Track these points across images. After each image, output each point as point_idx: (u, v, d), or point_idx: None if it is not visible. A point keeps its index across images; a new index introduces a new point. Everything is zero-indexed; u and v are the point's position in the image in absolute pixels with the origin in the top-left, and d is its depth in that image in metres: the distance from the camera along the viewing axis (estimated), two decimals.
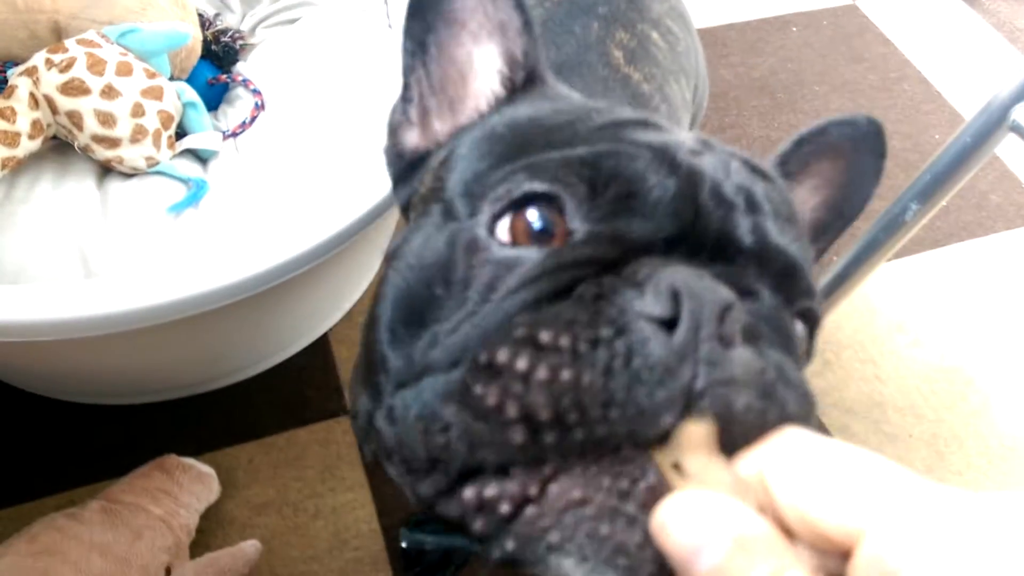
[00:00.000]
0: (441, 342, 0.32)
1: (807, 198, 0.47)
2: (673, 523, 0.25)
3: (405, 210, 0.45)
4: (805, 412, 0.30)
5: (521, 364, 0.28)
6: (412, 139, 0.45)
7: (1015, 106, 0.67)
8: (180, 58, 1.01)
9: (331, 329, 1.08)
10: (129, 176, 0.93)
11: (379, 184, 0.80)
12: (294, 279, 0.78)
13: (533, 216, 0.33)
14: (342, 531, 0.93)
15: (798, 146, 0.46)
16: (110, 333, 0.73)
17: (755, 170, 0.37)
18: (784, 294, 0.34)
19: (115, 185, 0.91)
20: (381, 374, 0.35)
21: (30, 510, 0.90)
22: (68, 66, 0.87)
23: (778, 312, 0.33)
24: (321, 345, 1.07)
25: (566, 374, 0.27)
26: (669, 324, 0.28)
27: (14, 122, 0.85)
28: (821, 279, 0.94)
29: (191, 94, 0.98)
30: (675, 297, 0.28)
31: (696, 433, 0.27)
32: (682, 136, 0.37)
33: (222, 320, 0.80)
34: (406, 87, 0.44)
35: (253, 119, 1.02)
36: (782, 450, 0.26)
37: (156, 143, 0.92)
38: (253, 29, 1.16)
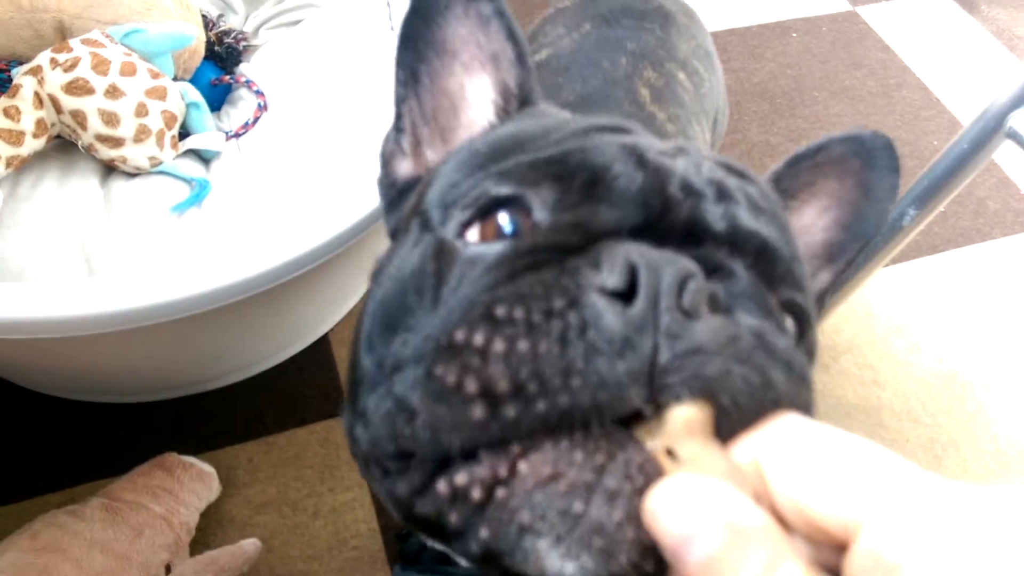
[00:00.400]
0: (410, 341, 0.32)
1: (815, 219, 0.46)
2: (664, 509, 0.24)
3: (394, 235, 0.44)
4: (793, 382, 0.29)
5: (478, 339, 0.28)
6: (405, 168, 0.45)
7: (1012, 113, 0.68)
8: (184, 59, 1.01)
9: (332, 329, 1.09)
10: (132, 175, 0.93)
11: None
12: (295, 279, 0.79)
13: (503, 220, 0.33)
14: (341, 530, 0.94)
15: (794, 164, 0.45)
16: (112, 331, 0.74)
17: (731, 169, 0.37)
18: (763, 276, 0.33)
19: (118, 184, 0.91)
20: (359, 384, 0.35)
21: (31, 507, 0.91)
22: (72, 66, 0.88)
23: (757, 288, 0.32)
24: (321, 345, 1.07)
25: (522, 344, 0.27)
26: (627, 297, 0.28)
27: (19, 121, 0.85)
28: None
29: (194, 94, 0.98)
30: (631, 270, 0.28)
31: (689, 417, 0.26)
32: (658, 141, 0.37)
33: (224, 319, 0.81)
34: (398, 117, 0.43)
35: (256, 120, 1.03)
36: (779, 437, 0.26)
37: (159, 143, 0.93)
38: (256, 30, 1.17)
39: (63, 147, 0.94)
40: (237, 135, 1.01)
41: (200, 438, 0.98)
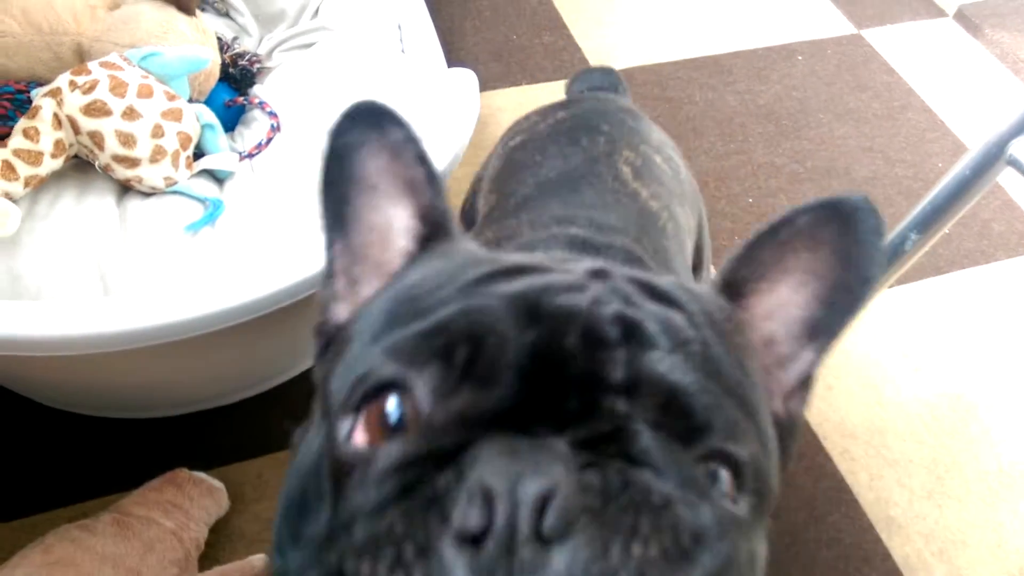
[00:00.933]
0: (304, 550, 0.32)
1: (790, 296, 0.41)
2: None
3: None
4: (713, 556, 0.28)
5: None
6: (342, 312, 0.42)
7: (1013, 141, 0.69)
8: (199, 81, 1.04)
9: None
10: (148, 195, 0.95)
11: None
12: (306, 298, 0.80)
13: (391, 406, 0.31)
14: None
15: (756, 245, 0.40)
16: (127, 349, 0.75)
17: (655, 293, 0.35)
18: (675, 430, 0.30)
19: (134, 204, 0.93)
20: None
21: (43, 521, 0.92)
22: (91, 88, 0.90)
23: (664, 451, 0.29)
24: None
25: None
26: (483, 535, 0.26)
27: (38, 142, 0.87)
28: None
29: (209, 116, 1.00)
30: (488, 501, 0.26)
31: None
32: (573, 270, 0.36)
33: (235, 338, 0.82)
34: (329, 262, 0.42)
35: (269, 140, 1.05)
36: None
37: (175, 163, 0.95)
38: (270, 53, 1.19)
39: (80, 167, 0.96)
40: (250, 155, 1.03)
41: (210, 454, 0.99)
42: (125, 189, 0.96)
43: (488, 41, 1.60)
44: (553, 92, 1.53)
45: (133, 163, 0.92)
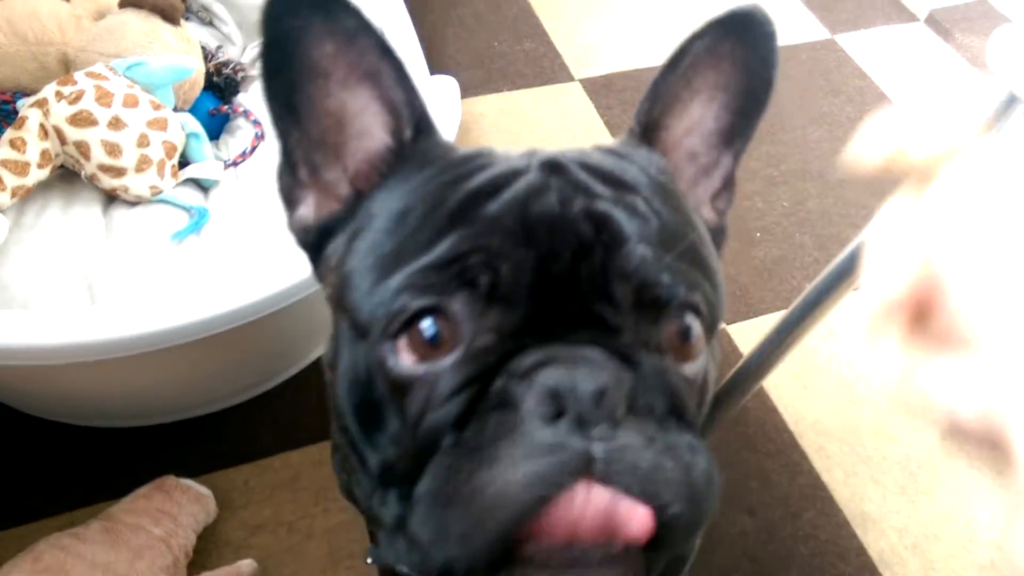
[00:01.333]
0: (401, 458, 0.38)
1: (703, 112, 0.45)
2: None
3: (329, 301, 0.45)
4: (702, 479, 0.35)
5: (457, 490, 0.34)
6: (308, 202, 0.44)
7: None
8: (184, 90, 1.04)
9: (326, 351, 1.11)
10: (133, 204, 0.96)
11: None
12: (291, 305, 0.81)
13: (426, 326, 0.36)
14: (335, 551, 0.96)
15: (658, 88, 0.45)
16: (113, 358, 0.76)
17: (610, 180, 0.40)
18: (647, 311, 0.37)
19: (120, 213, 0.94)
20: (364, 470, 0.41)
21: (32, 530, 0.92)
22: (77, 98, 0.91)
23: (649, 344, 0.38)
24: (315, 368, 1.10)
25: (482, 489, 0.33)
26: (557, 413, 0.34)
27: (24, 152, 0.88)
28: (790, 307, 0.98)
29: (194, 125, 1.01)
30: (556, 398, 0.33)
31: None
32: (531, 165, 0.40)
33: (221, 346, 0.83)
34: (287, 152, 0.43)
35: (253, 149, 1.06)
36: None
37: (160, 172, 0.95)
38: (254, 61, 1.20)
39: (66, 176, 0.96)
40: (235, 163, 1.04)
41: (197, 462, 1.00)
42: (111, 198, 0.97)
43: (469, 48, 1.62)
44: (534, 98, 1.55)
45: (119, 172, 0.93)
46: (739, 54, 0.44)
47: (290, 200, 0.44)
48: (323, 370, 0.46)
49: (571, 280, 0.36)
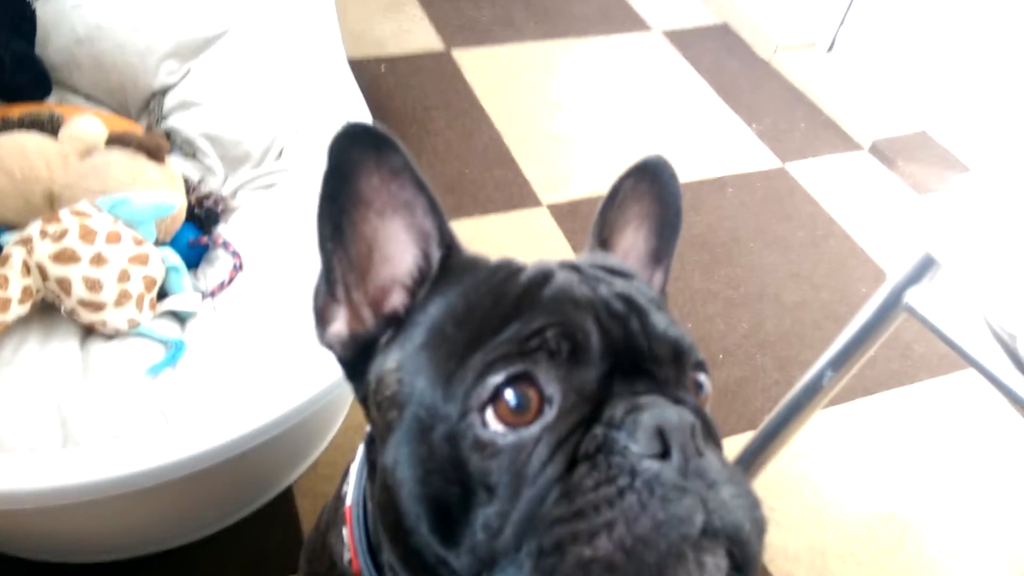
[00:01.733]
0: (502, 532, 0.40)
1: (635, 237, 0.56)
2: None
3: (364, 401, 0.49)
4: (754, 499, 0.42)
5: (580, 529, 0.37)
6: (340, 319, 0.49)
7: (908, 290, 0.77)
8: (166, 223, 1.08)
9: (295, 482, 1.11)
10: (111, 337, 0.98)
11: None
12: (267, 440, 0.83)
13: (509, 396, 0.40)
14: None
15: (605, 212, 0.55)
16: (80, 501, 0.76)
17: (614, 271, 0.48)
18: (680, 364, 0.44)
19: (96, 347, 0.95)
20: (444, 572, 0.43)
21: None
22: (61, 236, 0.94)
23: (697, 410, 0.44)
24: (285, 498, 1.09)
25: (616, 521, 0.37)
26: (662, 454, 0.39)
27: (6, 289, 0.90)
28: (757, 429, 1.01)
29: (174, 259, 1.05)
30: (660, 434, 0.39)
31: None
32: (551, 266, 0.47)
33: (193, 483, 0.84)
34: (328, 270, 0.47)
35: (231, 280, 1.09)
36: None
37: (139, 306, 0.98)
38: (235, 192, 1.25)
39: (44, 310, 0.98)
40: (212, 294, 1.07)
41: None
42: (88, 331, 0.98)
43: (442, 175, 1.70)
44: (502, 223, 1.62)
45: (98, 307, 0.95)
46: (655, 191, 0.55)
47: (323, 317, 0.49)
48: (367, 499, 0.51)
49: (626, 343, 0.43)
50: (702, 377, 0.47)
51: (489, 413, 0.40)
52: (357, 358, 0.49)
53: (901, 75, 2.05)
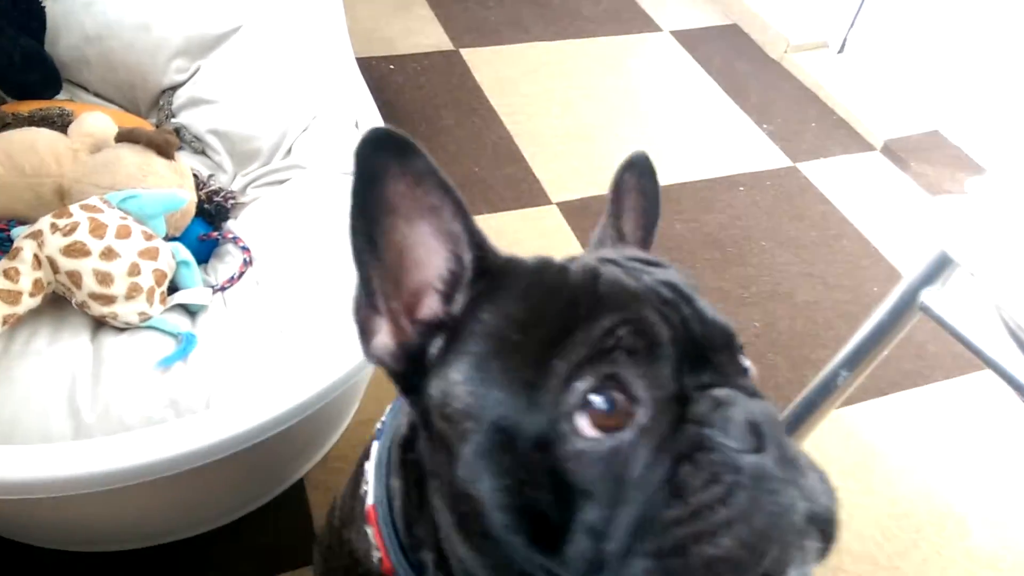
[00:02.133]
0: (608, 535, 0.39)
1: (631, 224, 0.60)
2: None
3: (424, 415, 0.47)
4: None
5: (701, 527, 0.38)
6: (384, 331, 0.48)
7: (923, 289, 0.76)
8: (175, 218, 1.08)
9: (306, 474, 1.11)
10: (121, 330, 0.97)
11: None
12: (278, 432, 0.82)
13: (599, 400, 0.40)
14: None
15: (616, 207, 0.60)
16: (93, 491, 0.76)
17: (648, 262, 0.49)
18: (731, 351, 0.45)
19: (108, 340, 0.95)
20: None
21: None
22: (71, 230, 0.94)
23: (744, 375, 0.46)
24: (296, 490, 1.09)
25: (735, 518, 0.38)
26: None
27: (17, 282, 0.90)
28: None
29: (185, 253, 1.04)
30: (754, 429, 0.40)
31: None
32: (590, 261, 0.47)
33: (204, 474, 0.83)
34: (365, 282, 0.47)
35: (241, 274, 1.09)
36: None
37: (149, 299, 0.98)
38: (244, 188, 1.25)
39: (55, 303, 0.98)
40: (223, 289, 1.07)
41: None
42: (99, 325, 0.98)
43: (452, 173, 1.65)
44: (512, 221, 1.61)
45: (109, 300, 0.95)
46: (641, 184, 0.60)
47: (365, 330, 0.48)
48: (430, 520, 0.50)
49: (686, 333, 0.43)
50: (747, 360, 0.47)
51: (581, 420, 0.40)
52: (409, 370, 0.48)
53: (913, 75, 2.04)
